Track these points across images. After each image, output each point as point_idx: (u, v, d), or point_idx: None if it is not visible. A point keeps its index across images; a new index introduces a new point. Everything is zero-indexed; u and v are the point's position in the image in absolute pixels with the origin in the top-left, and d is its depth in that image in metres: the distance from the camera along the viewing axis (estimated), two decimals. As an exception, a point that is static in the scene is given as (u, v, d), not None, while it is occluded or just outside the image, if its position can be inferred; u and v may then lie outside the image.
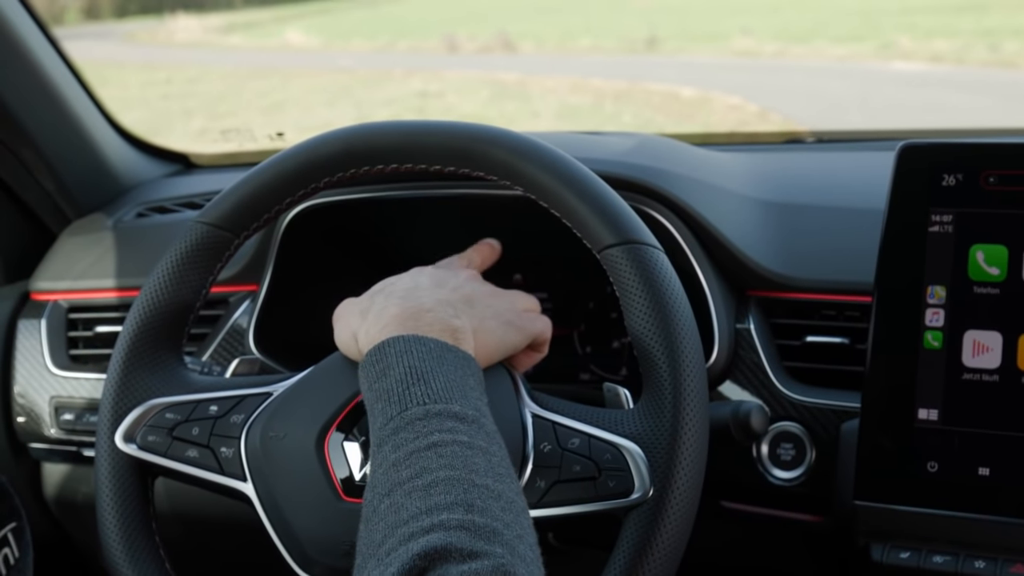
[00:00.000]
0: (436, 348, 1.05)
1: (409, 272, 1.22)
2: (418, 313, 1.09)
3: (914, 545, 1.27)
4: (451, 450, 0.94)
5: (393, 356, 1.04)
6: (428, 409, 0.98)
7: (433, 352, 1.04)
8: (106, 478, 1.22)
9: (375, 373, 1.04)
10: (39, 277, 1.85)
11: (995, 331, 1.25)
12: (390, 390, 1.01)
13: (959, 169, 1.27)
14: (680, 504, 1.09)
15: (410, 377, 1.01)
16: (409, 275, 1.21)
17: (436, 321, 1.09)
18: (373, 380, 1.04)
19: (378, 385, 1.03)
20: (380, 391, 1.02)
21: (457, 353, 1.06)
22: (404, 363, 1.03)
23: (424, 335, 1.06)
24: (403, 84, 14.38)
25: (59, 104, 1.86)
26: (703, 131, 6.94)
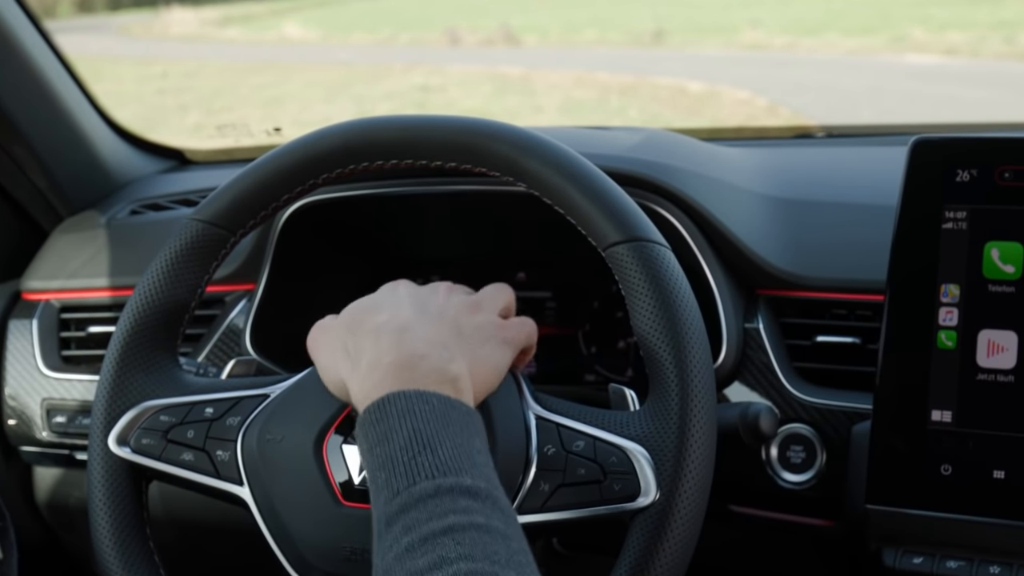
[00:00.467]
0: (440, 405, 1.00)
1: (383, 293, 1.15)
2: (414, 362, 1.03)
3: (927, 550, 1.25)
4: (469, 536, 0.90)
5: (395, 417, 0.98)
6: (439, 484, 0.93)
7: (437, 411, 0.99)
8: (99, 482, 1.21)
9: (376, 436, 0.98)
10: (30, 276, 1.84)
11: (1010, 330, 1.24)
12: (394, 458, 0.96)
13: (973, 164, 1.26)
14: (687, 508, 1.08)
15: (416, 443, 0.96)
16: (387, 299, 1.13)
17: (433, 371, 1.03)
18: (374, 444, 0.98)
19: (380, 451, 0.97)
20: (384, 458, 0.97)
21: (460, 409, 1.01)
22: (408, 426, 0.97)
23: (424, 389, 1.01)
24: (404, 78, 14.42)
25: (51, 99, 1.85)
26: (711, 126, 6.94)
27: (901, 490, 1.25)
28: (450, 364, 1.04)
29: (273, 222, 1.57)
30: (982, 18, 15.62)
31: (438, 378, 1.02)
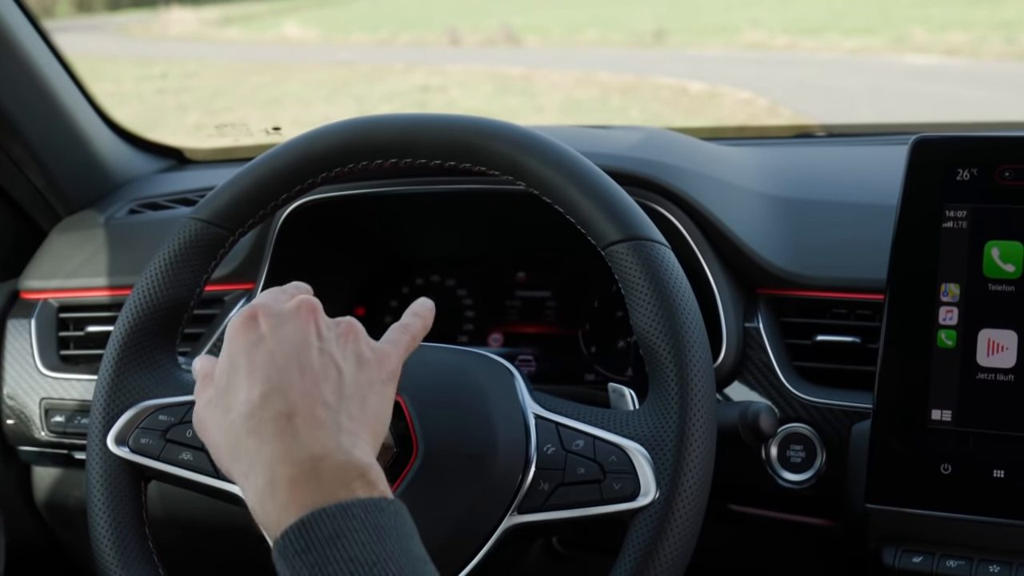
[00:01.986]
0: (367, 516, 0.87)
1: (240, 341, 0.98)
2: (316, 467, 0.90)
3: (927, 549, 1.25)
4: None
5: (324, 544, 0.86)
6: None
7: (367, 525, 0.87)
8: (98, 482, 1.21)
9: (306, 568, 0.86)
10: (29, 276, 1.83)
11: (1010, 330, 1.24)
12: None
13: (974, 163, 1.26)
14: (687, 507, 1.08)
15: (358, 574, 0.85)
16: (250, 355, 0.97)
17: (340, 471, 0.90)
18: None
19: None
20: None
21: (387, 511, 0.89)
22: (342, 554, 0.85)
23: (343, 499, 0.88)
24: (404, 78, 14.41)
25: (50, 98, 1.84)
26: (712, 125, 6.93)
27: (901, 489, 1.25)
28: (354, 451, 0.92)
29: (272, 221, 1.57)
30: (983, 18, 15.60)
31: (347, 478, 0.90)
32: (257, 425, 0.92)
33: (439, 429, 1.14)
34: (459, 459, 1.12)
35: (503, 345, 1.62)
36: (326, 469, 0.90)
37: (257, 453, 0.91)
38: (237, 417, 0.94)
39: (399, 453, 1.14)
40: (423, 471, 1.13)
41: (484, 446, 1.12)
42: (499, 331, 1.63)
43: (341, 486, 0.89)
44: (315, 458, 0.90)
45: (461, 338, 1.64)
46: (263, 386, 0.94)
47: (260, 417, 0.93)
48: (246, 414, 0.93)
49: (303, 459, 0.90)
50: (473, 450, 1.12)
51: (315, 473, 0.89)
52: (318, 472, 0.89)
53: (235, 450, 0.94)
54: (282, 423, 0.92)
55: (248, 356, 0.96)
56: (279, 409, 0.93)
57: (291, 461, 0.90)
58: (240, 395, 0.95)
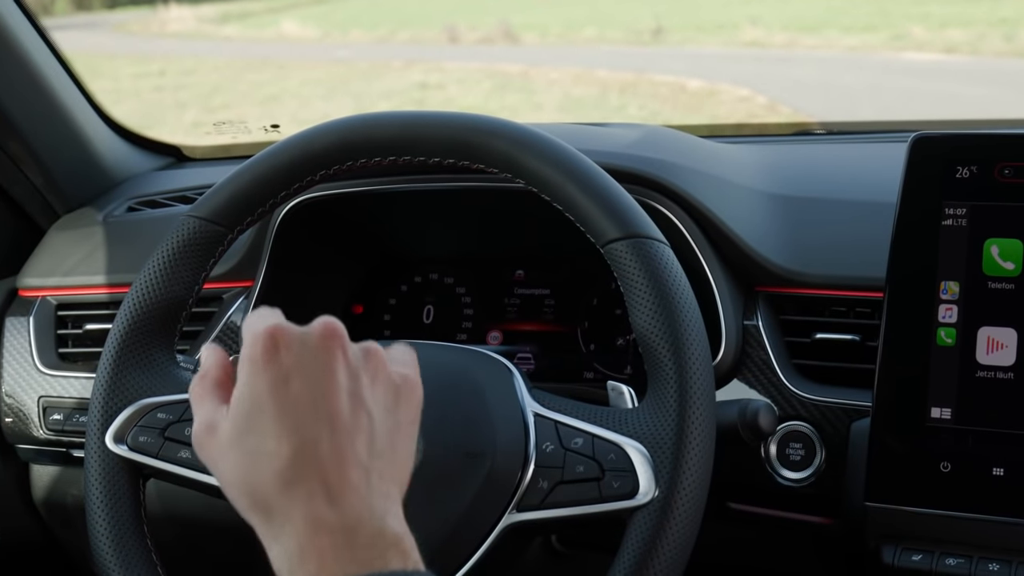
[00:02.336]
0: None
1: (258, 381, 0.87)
2: (350, 538, 0.83)
3: (927, 547, 1.25)
4: None
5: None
6: None
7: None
8: (96, 480, 1.21)
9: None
10: (27, 273, 1.83)
11: (1010, 328, 1.24)
12: None
13: (973, 161, 1.26)
14: (686, 505, 1.08)
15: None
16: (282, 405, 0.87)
17: (374, 540, 0.84)
18: None
19: None
20: None
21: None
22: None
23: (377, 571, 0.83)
24: (403, 76, 14.41)
25: (48, 96, 1.84)
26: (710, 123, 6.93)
27: (900, 487, 1.25)
28: (387, 517, 0.86)
29: (271, 219, 1.56)
30: (982, 15, 15.61)
31: (383, 547, 0.84)
32: (287, 486, 0.84)
33: (438, 427, 1.14)
34: (458, 457, 1.13)
35: (502, 343, 1.62)
36: (360, 539, 0.83)
37: (287, 516, 0.84)
38: (266, 470, 0.85)
39: (397, 450, 1.13)
40: (422, 469, 1.12)
41: (483, 444, 1.12)
42: (498, 329, 1.63)
43: (376, 557, 0.83)
44: (348, 529, 0.83)
45: (460, 336, 1.63)
46: (292, 440, 0.85)
47: (290, 478, 0.84)
48: (276, 471, 0.85)
49: (336, 528, 0.83)
50: (472, 448, 1.12)
51: (349, 543, 0.83)
52: (352, 542, 0.83)
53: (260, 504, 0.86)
54: (313, 486, 0.84)
55: (274, 398, 0.86)
56: (311, 471, 0.85)
57: (324, 529, 0.83)
58: (267, 445, 0.86)
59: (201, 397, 0.92)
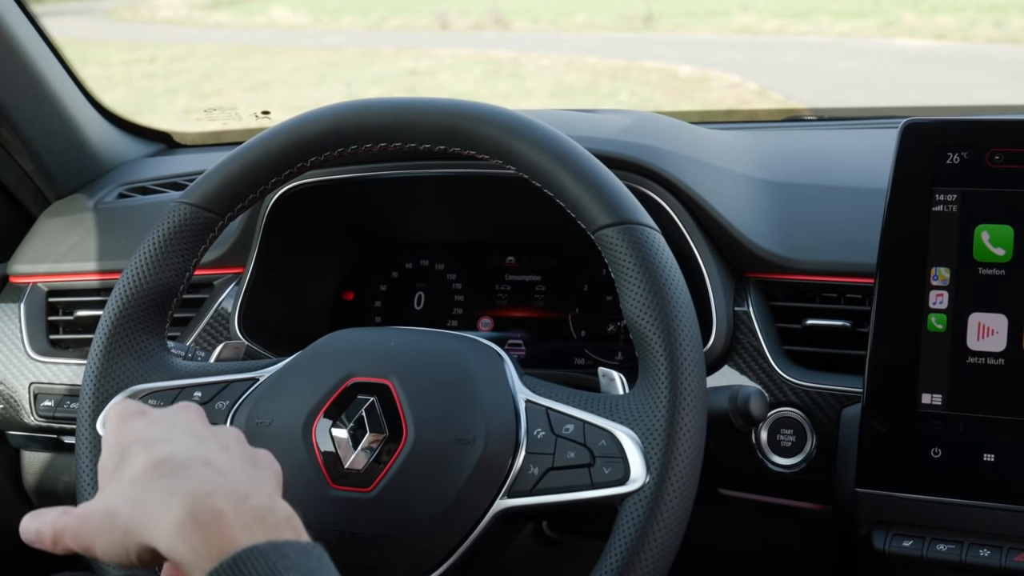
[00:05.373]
0: (298, 557, 0.84)
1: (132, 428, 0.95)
2: (244, 503, 0.86)
3: (917, 533, 1.25)
4: None
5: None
6: None
7: (300, 566, 0.83)
8: (87, 466, 1.21)
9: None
10: (17, 260, 1.82)
11: (1000, 314, 1.24)
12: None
13: (964, 147, 1.26)
14: (677, 492, 1.08)
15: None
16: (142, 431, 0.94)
17: (266, 511, 0.87)
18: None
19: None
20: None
21: (313, 554, 0.86)
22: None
23: (272, 539, 0.84)
24: (394, 62, 14.38)
25: (38, 82, 1.84)
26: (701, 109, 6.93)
27: (891, 473, 1.25)
28: (275, 501, 0.89)
29: (261, 205, 1.56)
30: (972, 1, 15.59)
31: (274, 520, 0.87)
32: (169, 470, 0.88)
33: (429, 413, 1.14)
34: (449, 443, 1.12)
35: (493, 329, 1.62)
36: (254, 508, 0.86)
37: (170, 491, 0.86)
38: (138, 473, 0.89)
39: (389, 438, 1.14)
40: (413, 455, 1.13)
41: (474, 430, 1.12)
42: (488, 315, 1.63)
43: (271, 526, 0.85)
44: (242, 495, 0.86)
45: (451, 322, 1.63)
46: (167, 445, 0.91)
47: (171, 465, 0.89)
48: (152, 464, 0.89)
49: (230, 494, 0.86)
50: (463, 434, 1.12)
51: (243, 510, 0.85)
52: (247, 509, 0.85)
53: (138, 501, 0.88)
54: (198, 466, 0.89)
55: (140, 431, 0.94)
56: (189, 455, 0.90)
57: (219, 495, 0.86)
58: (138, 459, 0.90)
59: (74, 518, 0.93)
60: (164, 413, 0.99)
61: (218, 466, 0.90)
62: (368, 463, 1.13)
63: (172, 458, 0.89)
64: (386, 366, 1.17)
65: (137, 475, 0.89)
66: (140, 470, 0.89)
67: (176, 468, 0.88)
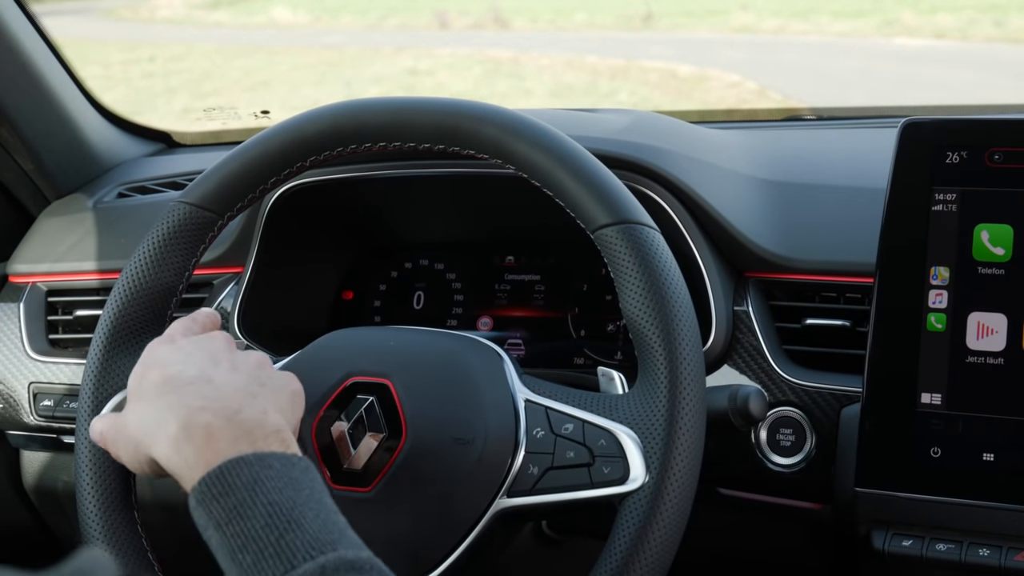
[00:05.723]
0: (282, 467, 0.91)
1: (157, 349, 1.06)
2: (233, 417, 0.94)
3: (917, 533, 1.25)
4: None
5: (243, 489, 0.89)
6: (323, 566, 0.85)
7: (283, 475, 0.90)
8: (86, 466, 1.20)
9: (223, 513, 0.88)
10: (17, 260, 1.82)
11: (1000, 313, 1.24)
12: (258, 537, 0.87)
13: (963, 146, 1.26)
14: (677, 491, 1.08)
15: (276, 519, 0.87)
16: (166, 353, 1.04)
17: (255, 424, 0.94)
18: (224, 521, 0.88)
19: (235, 528, 0.88)
20: (242, 538, 0.87)
21: (299, 465, 0.93)
22: (260, 499, 0.88)
23: (260, 451, 0.92)
24: (393, 62, 14.36)
25: (37, 82, 1.83)
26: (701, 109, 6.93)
27: (890, 473, 1.25)
28: (267, 415, 0.96)
29: (260, 205, 1.56)
30: (972, 1, 15.58)
31: (263, 432, 0.94)
32: (172, 388, 0.97)
33: (428, 413, 1.14)
34: (448, 443, 1.13)
35: (492, 329, 1.62)
36: (243, 422, 0.94)
37: (169, 406, 0.95)
38: (148, 390, 0.99)
39: (388, 437, 1.14)
40: (412, 455, 1.13)
41: (473, 430, 1.12)
42: (488, 315, 1.63)
43: (258, 439, 0.93)
44: (232, 410, 0.94)
45: (450, 322, 1.63)
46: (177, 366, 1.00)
47: (176, 383, 0.97)
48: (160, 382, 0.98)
49: (220, 409, 0.94)
50: (462, 434, 1.12)
51: (232, 424, 0.93)
52: (235, 423, 0.93)
53: (144, 416, 0.98)
54: (199, 384, 0.97)
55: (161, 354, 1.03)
56: (194, 374, 0.98)
57: (209, 410, 0.94)
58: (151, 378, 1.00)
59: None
60: (191, 340, 1.07)
61: (218, 384, 0.98)
62: (367, 462, 1.13)
63: (177, 377, 0.98)
64: (385, 366, 1.18)
65: (146, 392, 0.99)
66: (149, 388, 0.99)
67: (178, 386, 0.97)
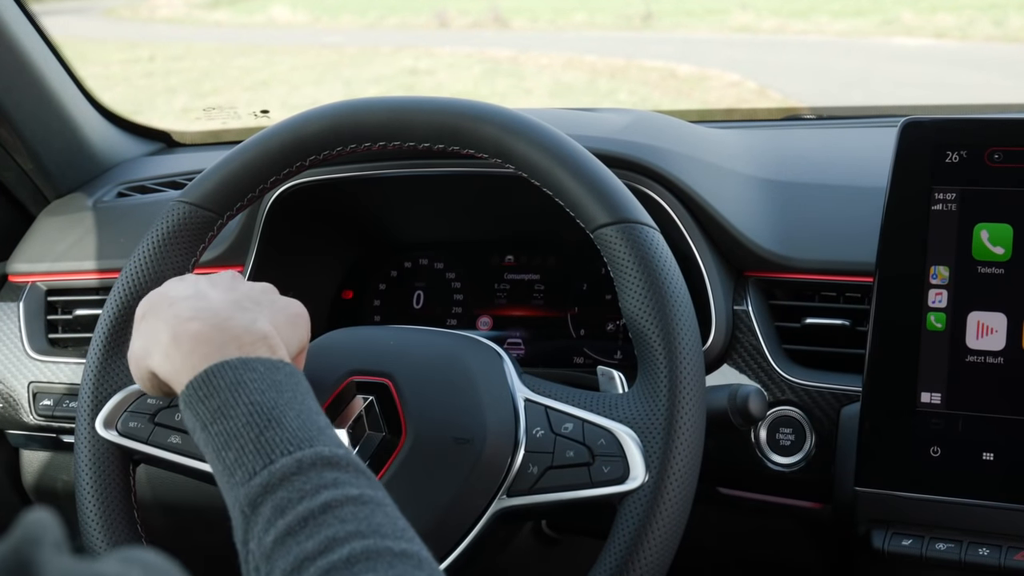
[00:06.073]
0: (266, 371, 0.94)
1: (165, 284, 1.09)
2: (221, 324, 0.98)
3: (917, 532, 1.25)
4: (349, 511, 0.86)
5: (226, 390, 0.93)
6: (300, 460, 0.88)
7: (266, 378, 0.94)
8: (86, 466, 1.21)
9: (208, 413, 0.93)
10: (16, 259, 1.82)
11: (999, 312, 1.24)
12: (239, 435, 0.90)
13: (963, 146, 1.26)
14: (676, 491, 1.08)
15: (258, 418, 0.91)
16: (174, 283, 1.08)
17: (242, 331, 0.98)
18: (208, 421, 0.92)
19: (219, 428, 0.92)
20: (226, 436, 0.91)
21: (284, 370, 0.96)
22: (243, 399, 0.92)
23: (245, 355, 0.95)
24: (393, 61, 14.37)
25: (37, 81, 1.83)
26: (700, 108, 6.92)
27: (890, 472, 1.25)
28: (256, 323, 0.99)
29: (260, 204, 1.56)
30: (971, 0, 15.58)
31: (250, 339, 0.97)
32: (168, 304, 1.01)
33: (428, 412, 1.14)
34: (448, 442, 1.13)
35: (492, 328, 1.62)
36: (230, 328, 0.97)
37: (163, 320, 1.00)
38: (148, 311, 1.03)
39: (388, 436, 1.14)
40: (412, 454, 1.13)
41: (473, 429, 1.12)
42: (488, 314, 1.62)
43: (245, 344, 0.97)
44: (221, 318, 0.98)
45: (450, 321, 1.63)
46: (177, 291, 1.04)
47: (171, 300, 1.02)
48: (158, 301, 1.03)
49: (208, 317, 0.98)
50: (462, 433, 1.12)
51: (219, 330, 0.97)
52: (222, 329, 0.97)
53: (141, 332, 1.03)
54: (193, 299, 1.01)
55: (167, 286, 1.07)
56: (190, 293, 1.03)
57: (197, 318, 0.98)
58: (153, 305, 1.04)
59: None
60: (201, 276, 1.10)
61: (210, 299, 1.02)
62: (367, 462, 1.13)
63: (171, 296, 1.02)
64: (385, 365, 1.18)
65: (146, 313, 1.03)
66: (150, 312, 1.03)
67: (173, 302, 1.01)
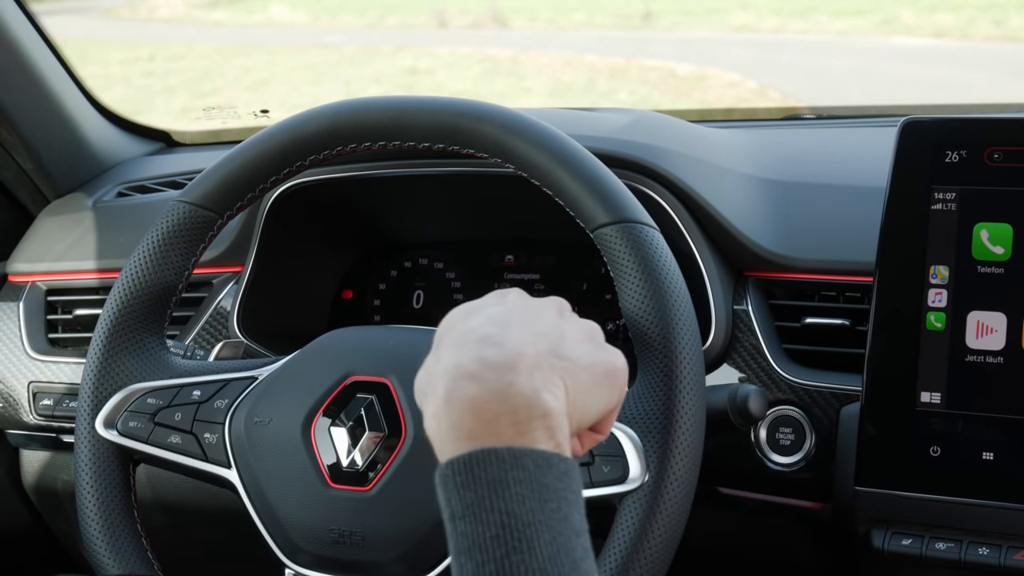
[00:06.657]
0: (535, 471, 0.79)
1: (487, 298, 0.95)
2: (502, 391, 0.81)
3: (916, 532, 1.25)
4: None
5: (485, 486, 0.79)
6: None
7: (533, 480, 0.79)
8: (86, 465, 1.21)
9: (460, 506, 0.80)
10: (16, 259, 1.82)
11: (999, 312, 1.24)
12: (485, 547, 0.78)
13: (963, 145, 1.26)
14: (676, 490, 1.08)
15: (509, 534, 0.78)
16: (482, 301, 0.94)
17: (521, 404, 0.81)
18: (458, 515, 0.80)
19: (466, 528, 0.79)
20: (471, 540, 0.79)
21: (557, 467, 0.80)
22: (499, 505, 0.78)
23: (516, 445, 0.80)
24: (392, 61, 14.37)
25: (37, 81, 1.83)
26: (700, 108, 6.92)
27: (890, 472, 1.25)
28: (539, 396, 0.82)
29: (260, 204, 1.56)
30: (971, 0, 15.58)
31: (527, 415, 0.81)
32: (462, 342, 0.85)
33: (428, 412, 1.14)
34: (448, 442, 1.12)
35: (492, 328, 1.61)
36: (509, 399, 0.81)
37: (440, 361, 0.84)
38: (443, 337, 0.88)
39: (388, 436, 1.14)
40: (412, 454, 1.13)
41: (473, 429, 1.12)
42: (488, 314, 1.62)
43: (521, 421, 0.81)
44: (504, 382, 0.82)
45: (450, 321, 1.63)
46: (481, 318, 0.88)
47: (467, 337, 0.85)
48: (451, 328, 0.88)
49: (490, 378, 0.82)
50: (463, 433, 1.12)
51: (497, 399, 0.81)
52: (501, 399, 0.81)
53: (426, 366, 0.88)
54: (486, 344, 0.84)
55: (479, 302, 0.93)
56: (489, 332, 0.85)
57: (477, 378, 0.82)
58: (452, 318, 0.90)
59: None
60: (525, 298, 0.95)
61: (504, 346, 0.84)
62: (367, 462, 1.13)
63: (473, 330, 0.86)
64: (385, 365, 1.18)
65: (441, 339, 0.88)
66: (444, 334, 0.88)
67: (463, 342, 0.85)
